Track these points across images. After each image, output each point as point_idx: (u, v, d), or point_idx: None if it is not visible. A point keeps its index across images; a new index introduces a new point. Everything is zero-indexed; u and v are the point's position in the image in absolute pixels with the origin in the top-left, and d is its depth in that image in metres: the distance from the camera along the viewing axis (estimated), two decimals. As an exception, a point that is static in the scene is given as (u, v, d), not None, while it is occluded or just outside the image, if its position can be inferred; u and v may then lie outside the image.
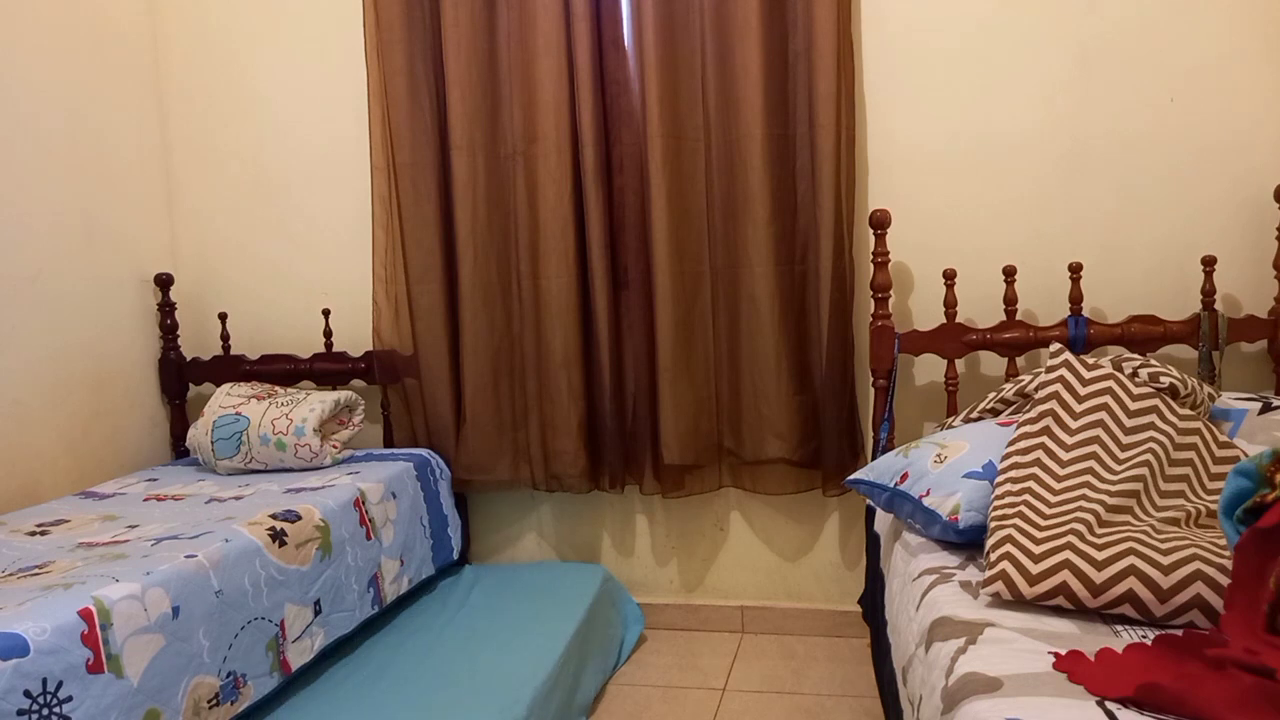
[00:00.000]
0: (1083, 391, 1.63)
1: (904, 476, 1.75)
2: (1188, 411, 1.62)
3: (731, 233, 2.42)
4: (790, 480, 2.47)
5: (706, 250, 2.44)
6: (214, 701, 1.58)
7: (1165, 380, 1.68)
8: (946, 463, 1.68)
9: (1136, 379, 1.67)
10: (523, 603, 2.37)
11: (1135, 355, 1.80)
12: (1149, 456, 1.51)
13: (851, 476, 1.93)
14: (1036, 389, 1.81)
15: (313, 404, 2.45)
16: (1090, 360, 1.71)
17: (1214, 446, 1.58)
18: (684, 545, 2.69)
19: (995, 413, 1.92)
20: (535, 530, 2.77)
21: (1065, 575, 1.26)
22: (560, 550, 2.76)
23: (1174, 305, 2.24)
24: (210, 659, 1.58)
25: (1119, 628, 1.22)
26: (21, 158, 2.33)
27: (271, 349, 2.77)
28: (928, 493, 1.65)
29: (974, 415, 1.96)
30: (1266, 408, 1.89)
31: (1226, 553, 1.21)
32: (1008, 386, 1.91)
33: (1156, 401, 1.60)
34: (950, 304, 2.27)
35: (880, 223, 2.25)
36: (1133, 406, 1.60)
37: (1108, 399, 1.61)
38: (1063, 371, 1.68)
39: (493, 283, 2.56)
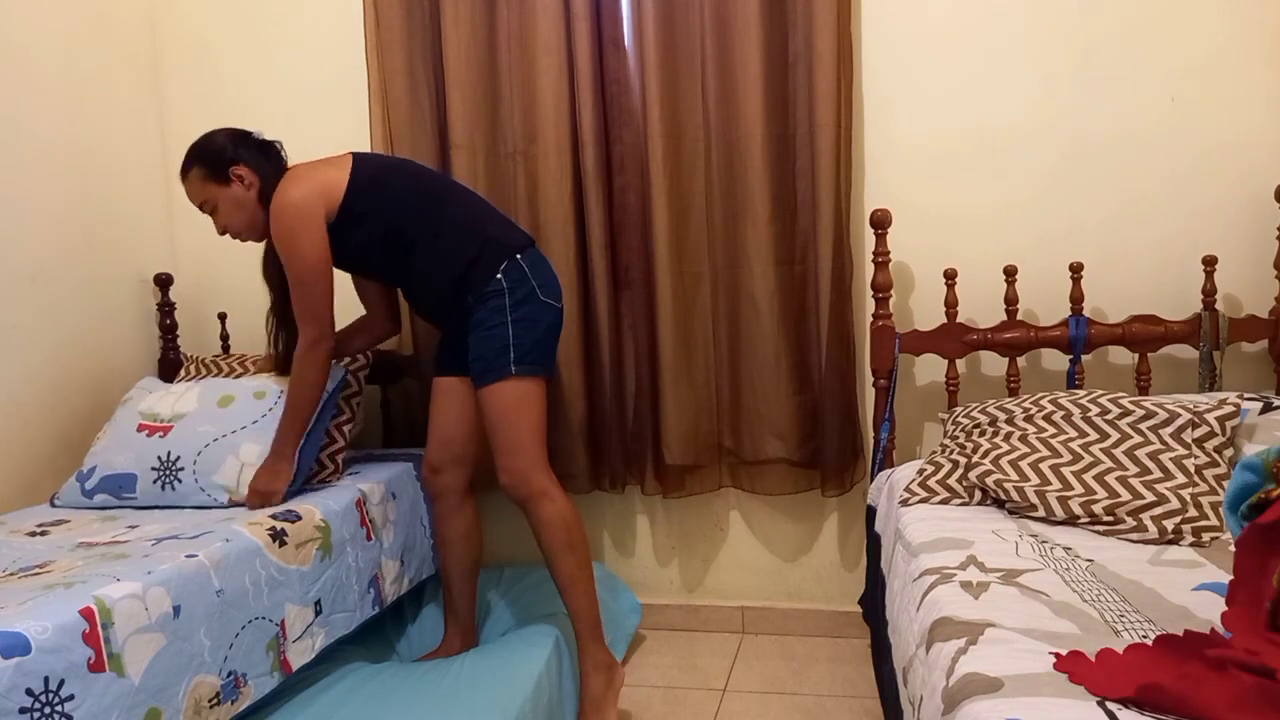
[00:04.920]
0: None
1: None
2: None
3: (731, 232, 2.42)
4: (790, 480, 2.47)
5: (706, 250, 2.44)
6: (214, 701, 1.58)
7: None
8: None
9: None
10: (519, 602, 2.37)
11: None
12: None
13: None
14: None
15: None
16: None
17: None
18: (684, 545, 2.69)
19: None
20: (535, 530, 2.77)
21: None
22: (560, 550, 2.75)
23: (1175, 305, 2.24)
24: (211, 658, 1.58)
25: (1120, 628, 1.22)
26: (21, 158, 2.32)
27: (272, 349, 2.77)
28: None
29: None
30: (1267, 407, 1.89)
31: None
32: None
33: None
34: (951, 304, 2.27)
35: (881, 222, 2.25)
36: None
37: None
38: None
39: (493, 282, 2.56)
